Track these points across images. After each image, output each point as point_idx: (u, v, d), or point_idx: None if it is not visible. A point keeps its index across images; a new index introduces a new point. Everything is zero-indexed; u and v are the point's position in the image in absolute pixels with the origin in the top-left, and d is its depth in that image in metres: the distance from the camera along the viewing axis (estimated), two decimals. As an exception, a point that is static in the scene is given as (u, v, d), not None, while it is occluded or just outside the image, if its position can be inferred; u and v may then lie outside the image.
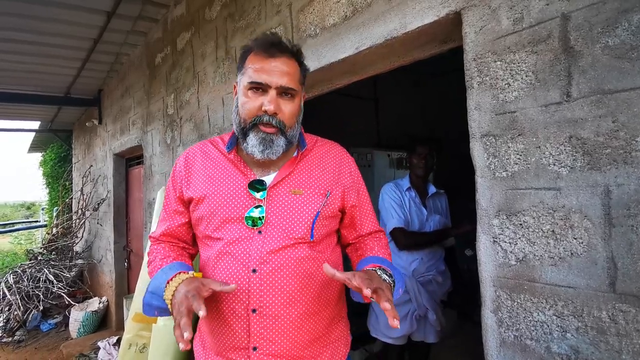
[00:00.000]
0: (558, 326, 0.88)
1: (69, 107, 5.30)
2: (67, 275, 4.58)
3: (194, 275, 0.86)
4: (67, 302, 4.31)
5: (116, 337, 3.59)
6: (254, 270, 0.88)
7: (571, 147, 0.86)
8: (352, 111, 3.91)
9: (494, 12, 1.00)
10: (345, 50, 1.42)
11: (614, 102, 0.80)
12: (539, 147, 0.91)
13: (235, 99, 0.98)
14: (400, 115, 4.52)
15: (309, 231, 0.92)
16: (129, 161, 4.30)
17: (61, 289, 4.36)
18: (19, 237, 9.00)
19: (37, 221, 10.01)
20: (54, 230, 5.32)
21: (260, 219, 0.90)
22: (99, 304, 4.31)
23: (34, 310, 4.25)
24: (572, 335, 0.86)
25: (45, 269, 4.49)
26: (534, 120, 0.92)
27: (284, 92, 0.90)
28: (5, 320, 4.13)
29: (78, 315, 4.06)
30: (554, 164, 0.89)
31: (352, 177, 1.04)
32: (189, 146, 1.23)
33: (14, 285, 4.28)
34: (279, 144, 0.91)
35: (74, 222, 5.28)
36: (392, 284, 0.86)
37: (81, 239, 5.25)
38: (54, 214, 6.58)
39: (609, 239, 0.81)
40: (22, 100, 4.58)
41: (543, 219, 0.90)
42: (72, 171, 6.56)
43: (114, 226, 4.26)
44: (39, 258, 4.87)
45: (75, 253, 5.13)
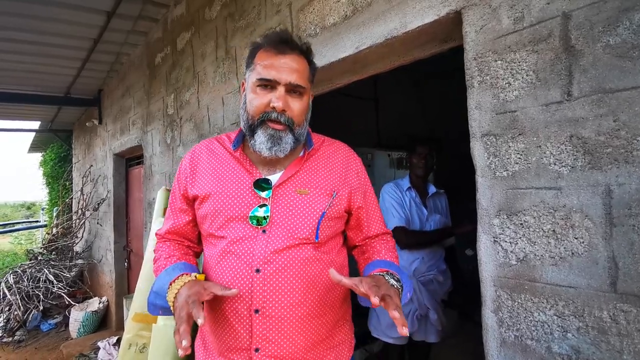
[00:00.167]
0: (559, 326, 0.88)
1: (69, 107, 5.30)
2: (67, 275, 4.58)
3: (196, 278, 0.86)
4: (67, 302, 4.31)
5: (116, 337, 3.59)
6: (258, 270, 0.86)
7: (572, 146, 0.86)
8: (352, 111, 3.90)
9: (494, 11, 1.00)
10: (345, 50, 1.42)
11: (615, 101, 0.80)
12: (540, 146, 0.91)
13: (243, 95, 0.97)
14: (400, 115, 4.51)
15: (314, 232, 0.90)
16: (129, 161, 4.30)
17: (61, 289, 4.36)
18: (19, 237, 9.02)
19: (37, 221, 10.03)
20: (54, 230, 5.32)
21: (265, 218, 0.89)
22: (99, 304, 4.31)
23: (34, 310, 4.25)
24: (573, 335, 0.85)
25: (45, 269, 4.49)
26: (534, 120, 0.92)
27: (292, 89, 0.89)
28: (5, 320, 4.13)
29: (78, 315, 4.06)
30: (555, 164, 0.89)
31: (359, 178, 1.02)
32: (189, 146, 1.23)
33: (14, 285, 4.28)
34: (287, 141, 0.89)
35: (74, 222, 5.28)
36: (400, 289, 0.84)
37: (81, 239, 5.26)
38: (54, 214, 6.58)
39: (610, 238, 0.80)
40: (22, 100, 4.58)
41: (544, 218, 0.90)
42: (72, 171, 6.56)
43: (114, 226, 4.26)
44: (39, 258, 4.87)
45: (75, 253, 5.13)
